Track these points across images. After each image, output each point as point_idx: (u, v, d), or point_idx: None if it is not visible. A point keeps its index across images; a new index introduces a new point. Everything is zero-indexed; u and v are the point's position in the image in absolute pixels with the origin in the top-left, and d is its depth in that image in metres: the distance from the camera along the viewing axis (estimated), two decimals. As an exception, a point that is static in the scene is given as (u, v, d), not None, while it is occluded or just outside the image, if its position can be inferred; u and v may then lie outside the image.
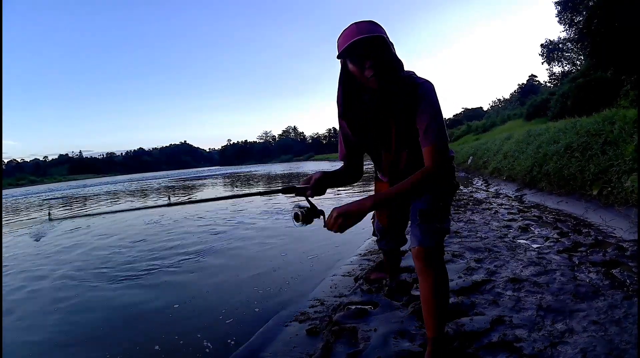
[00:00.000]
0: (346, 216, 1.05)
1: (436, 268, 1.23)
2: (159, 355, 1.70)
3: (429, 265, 1.22)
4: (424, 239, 1.21)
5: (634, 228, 2.64)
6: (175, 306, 2.23)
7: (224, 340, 1.75)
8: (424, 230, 1.22)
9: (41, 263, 3.62)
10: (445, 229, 1.26)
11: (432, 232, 1.22)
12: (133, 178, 35.35)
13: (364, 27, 1.09)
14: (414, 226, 1.27)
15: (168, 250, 3.66)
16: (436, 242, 1.22)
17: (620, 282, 1.81)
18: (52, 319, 2.22)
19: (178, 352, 1.70)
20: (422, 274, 1.24)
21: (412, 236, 1.27)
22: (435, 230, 1.22)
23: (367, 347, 1.46)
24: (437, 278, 1.23)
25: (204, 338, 1.79)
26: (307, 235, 3.86)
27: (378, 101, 1.19)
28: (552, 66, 26.42)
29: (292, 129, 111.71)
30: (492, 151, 8.71)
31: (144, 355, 1.72)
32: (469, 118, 40.79)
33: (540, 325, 1.49)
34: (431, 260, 1.22)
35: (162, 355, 1.69)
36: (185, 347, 1.73)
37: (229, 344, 1.71)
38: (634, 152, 3.30)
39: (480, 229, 3.18)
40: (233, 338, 1.76)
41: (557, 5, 17.16)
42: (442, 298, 1.25)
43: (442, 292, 1.24)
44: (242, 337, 1.75)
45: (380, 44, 1.10)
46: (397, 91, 1.16)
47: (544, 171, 4.76)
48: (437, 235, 1.23)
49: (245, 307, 2.12)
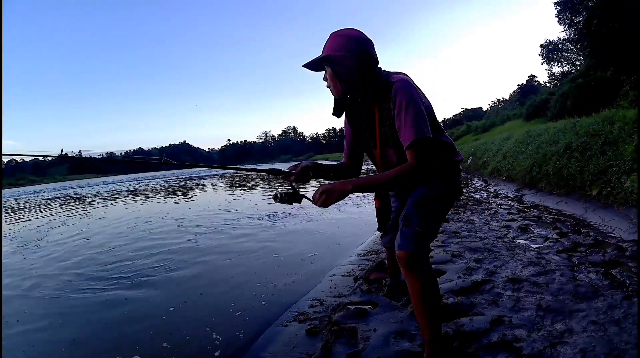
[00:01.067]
0: (329, 194, 1.16)
1: (420, 272, 1.22)
2: (167, 352, 1.70)
3: (412, 269, 1.21)
4: (403, 243, 1.21)
5: (633, 228, 2.64)
6: (171, 309, 2.21)
7: (224, 340, 1.75)
8: (404, 234, 1.23)
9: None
10: (428, 233, 1.24)
11: (413, 236, 1.21)
12: (134, 178, 35.33)
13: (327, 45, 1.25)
14: (398, 231, 1.27)
15: (161, 252, 3.66)
16: (417, 246, 1.21)
17: (619, 282, 1.82)
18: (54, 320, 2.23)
19: (178, 353, 1.70)
20: (407, 278, 1.25)
21: (395, 242, 1.27)
22: (416, 234, 1.21)
23: (367, 347, 1.46)
24: (422, 282, 1.22)
25: (204, 338, 1.79)
26: (308, 234, 3.87)
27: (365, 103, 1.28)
28: (551, 66, 26.43)
29: (291, 129, 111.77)
30: (491, 152, 8.72)
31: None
32: (469, 118, 40.82)
33: (539, 325, 1.49)
34: (413, 264, 1.21)
35: (164, 354, 1.69)
36: (186, 347, 1.73)
37: (229, 344, 1.71)
38: (633, 152, 3.30)
39: (480, 229, 3.18)
40: (233, 339, 1.76)
41: (557, 5, 17.15)
42: (431, 301, 1.24)
43: (429, 295, 1.24)
44: (242, 337, 1.75)
45: (326, 62, 1.25)
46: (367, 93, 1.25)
47: (543, 171, 4.76)
48: (417, 239, 1.21)
49: (245, 307, 2.12)
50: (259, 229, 4.38)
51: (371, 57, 1.24)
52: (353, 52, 1.21)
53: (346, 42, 1.22)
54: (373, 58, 1.25)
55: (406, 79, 1.23)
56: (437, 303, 1.27)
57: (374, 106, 1.27)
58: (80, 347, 1.87)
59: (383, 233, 1.79)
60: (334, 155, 58.55)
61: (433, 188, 1.29)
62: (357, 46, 1.22)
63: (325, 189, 1.17)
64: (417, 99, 1.18)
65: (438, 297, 1.29)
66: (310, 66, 1.28)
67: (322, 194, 1.17)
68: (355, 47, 1.22)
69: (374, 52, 1.26)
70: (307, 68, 1.30)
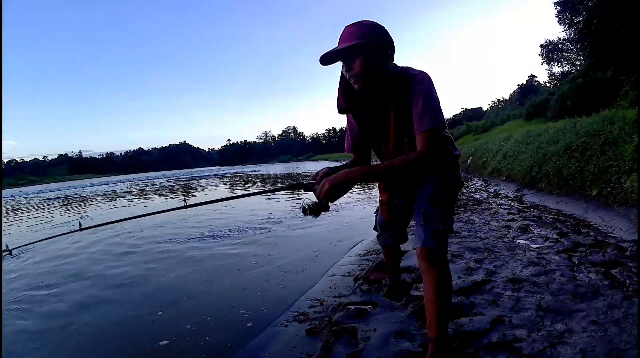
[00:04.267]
0: (334, 186, 1.13)
1: (440, 267, 1.27)
2: (167, 352, 1.70)
3: (434, 264, 1.26)
4: (427, 240, 1.25)
5: (633, 228, 2.64)
6: (172, 307, 2.23)
7: (223, 341, 1.75)
8: (427, 231, 1.26)
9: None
10: (447, 229, 1.29)
11: (435, 233, 1.25)
12: (133, 178, 35.29)
13: (346, 33, 1.20)
14: (417, 226, 1.31)
15: (166, 253, 3.66)
16: (439, 243, 1.25)
17: (619, 282, 1.81)
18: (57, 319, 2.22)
19: (178, 352, 1.70)
20: (426, 273, 1.28)
21: (416, 236, 1.30)
22: (437, 231, 1.25)
23: (367, 347, 1.46)
24: (441, 277, 1.26)
25: (203, 338, 1.78)
26: (307, 235, 3.87)
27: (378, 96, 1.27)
28: (551, 66, 26.37)
29: (291, 129, 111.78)
30: (491, 151, 8.71)
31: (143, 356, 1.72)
32: (469, 118, 40.74)
33: (539, 325, 1.49)
34: (435, 260, 1.26)
35: (163, 354, 1.69)
36: (185, 347, 1.73)
37: (229, 345, 1.71)
38: (633, 152, 3.30)
39: (480, 229, 3.18)
40: (233, 339, 1.75)
41: (557, 5, 17.12)
42: (446, 298, 1.28)
43: (445, 291, 1.27)
44: (242, 338, 1.75)
45: (356, 51, 1.18)
46: (386, 88, 1.23)
47: (543, 171, 4.76)
48: (439, 236, 1.26)
49: (244, 307, 2.11)
50: (259, 229, 4.38)
51: (394, 47, 1.24)
52: (382, 38, 1.21)
53: (368, 31, 1.19)
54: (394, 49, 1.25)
55: (427, 74, 1.23)
56: (449, 302, 1.31)
57: (391, 98, 1.26)
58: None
59: (379, 232, 1.79)
60: (333, 155, 58.34)
61: (443, 181, 1.31)
62: (383, 33, 1.21)
63: (332, 182, 1.13)
64: (435, 93, 1.20)
65: (451, 295, 1.33)
66: (328, 57, 1.21)
67: (326, 186, 1.13)
68: (383, 35, 1.21)
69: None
70: (324, 60, 1.22)
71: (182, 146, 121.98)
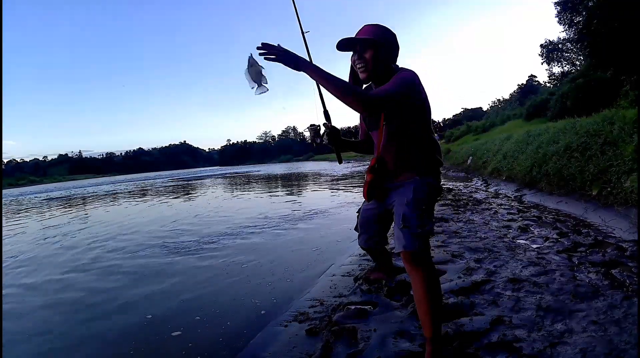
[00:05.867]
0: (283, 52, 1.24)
1: (425, 267, 1.30)
2: (166, 351, 1.70)
3: (418, 264, 1.30)
4: (407, 243, 1.29)
5: (633, 228, 2.64)
6: (172, 306, 2.23)
7: (223, 341, 1.75)
8: (407, 235, 1.29)
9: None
10: (427, 231, 1.32)
11: (415, 236, 1.29)
12: (134, 178, 35.34)
13: (365, 30, 1.35)
14: (397, 230, 1.34)
15: (169, 250, 3.66)
16: (419, 245, 1.29)
17: (619, 282, 1.82)
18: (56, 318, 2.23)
19: (177, 352, 1.70)
20: (412, 274, 1.32)
21: (396, 240, 1.34)
22: (417, 234, 1.29)
23: (367, 347, 1.46)
24: (427, 276, 1.29)
25: (203, 338, 1.79)
26: (307, 235, 3.87)
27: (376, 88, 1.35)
28: (551, 66, 26.33)
29: (291, 129, 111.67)
30: (491, 151, 8.71)
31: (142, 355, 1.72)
32: (469, 118, 40.70)
33: (539, 325, 1.49)
34: (419, 260, 1.30)
35: (161, 353, 1.69)
36: (184, 347, 1.73)
37: (229, 345, 1.71)
38: (633, 152, 3.30)
39: (480, 229, 3.18)
40: (233, 339, 1.76)
41: (557, 5, 17.11)
42: (435, 296, 1.30)
43: (433, 289, 1.29)
44: (242, 338, 1.75)
45: (370, 45, 1.32)
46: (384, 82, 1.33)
47: (543, 171, 4.76)
48: (419, 238, 1.29)
49: (244, 307, 2.12)
50: (259, 229, 4.38)
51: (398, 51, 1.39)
52: (392, 41, 1.36)
53: (383, 33, 1.35)
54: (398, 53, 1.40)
55: (414, 73, 1.33)
56: (439, 300, 1.33)
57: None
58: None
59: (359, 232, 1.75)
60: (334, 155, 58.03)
61: (425, 184, 1.36)
62: (394, 38, 1.38)
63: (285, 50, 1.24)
64: (409, 83, 1.27)
65: (440, 293, 1.34)
66: (345, 43, 1.33)
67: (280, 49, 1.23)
68: (393, 39, 1.37)
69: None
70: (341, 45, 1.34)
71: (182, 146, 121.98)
